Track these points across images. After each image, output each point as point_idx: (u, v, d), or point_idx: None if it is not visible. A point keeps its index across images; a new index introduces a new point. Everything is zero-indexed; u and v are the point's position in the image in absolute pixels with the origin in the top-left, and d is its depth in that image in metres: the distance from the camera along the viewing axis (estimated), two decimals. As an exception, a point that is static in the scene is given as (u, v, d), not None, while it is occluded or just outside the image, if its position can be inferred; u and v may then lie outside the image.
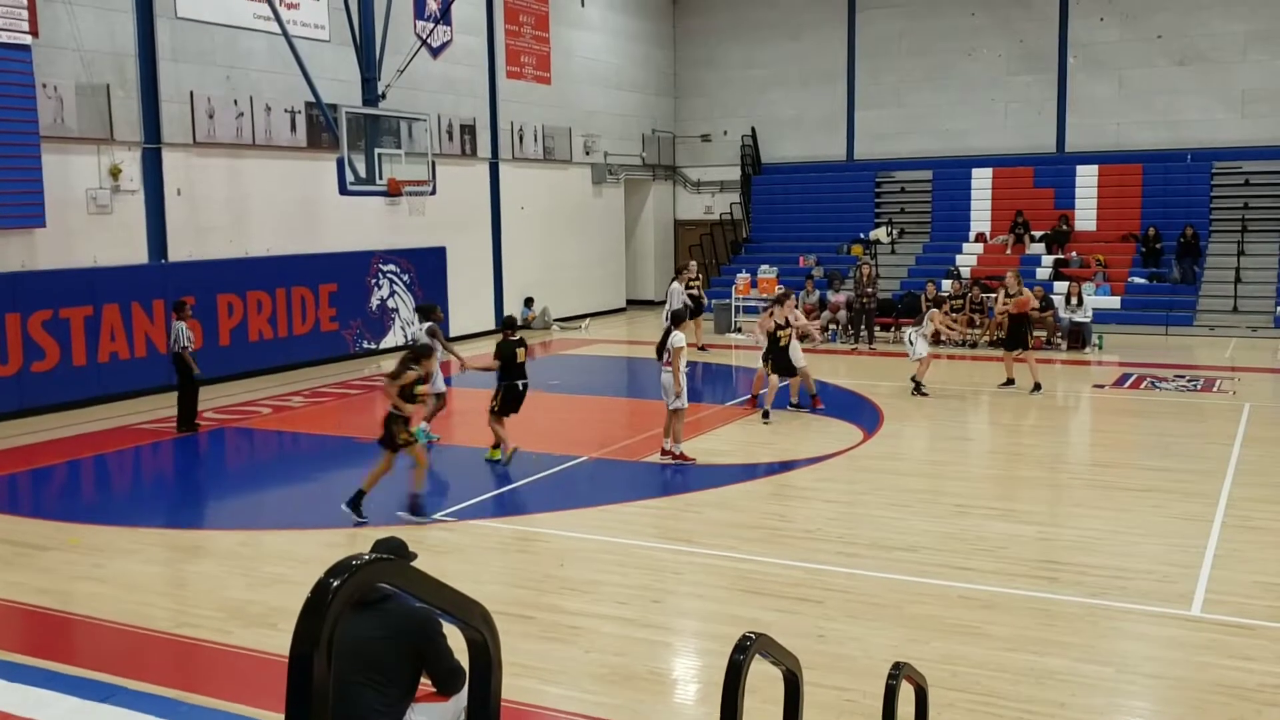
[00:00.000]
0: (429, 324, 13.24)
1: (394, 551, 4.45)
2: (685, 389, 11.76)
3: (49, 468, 12.27)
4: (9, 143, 14.50)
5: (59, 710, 5.53)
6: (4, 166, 14.49)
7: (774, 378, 14.20)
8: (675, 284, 20.34)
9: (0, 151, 14.43)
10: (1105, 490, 10.63)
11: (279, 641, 6.81)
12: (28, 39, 14.64)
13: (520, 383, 11.94)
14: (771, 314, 14.38)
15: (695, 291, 21.15)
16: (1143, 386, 16.48)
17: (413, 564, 2.18)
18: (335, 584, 1.54)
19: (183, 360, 13.45)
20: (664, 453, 11.95)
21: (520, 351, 11.98)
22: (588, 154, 27.32)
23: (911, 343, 15.86)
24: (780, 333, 14.06)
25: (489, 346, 22.72)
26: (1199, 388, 16.16)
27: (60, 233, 15.45)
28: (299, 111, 19.06)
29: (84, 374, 15.39)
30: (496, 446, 11.92)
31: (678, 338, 11.77)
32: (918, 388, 15.61)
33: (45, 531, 9.64)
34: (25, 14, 14.57)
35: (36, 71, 14.82)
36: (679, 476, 11.50)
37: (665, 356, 11.81)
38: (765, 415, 13.96)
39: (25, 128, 14.67)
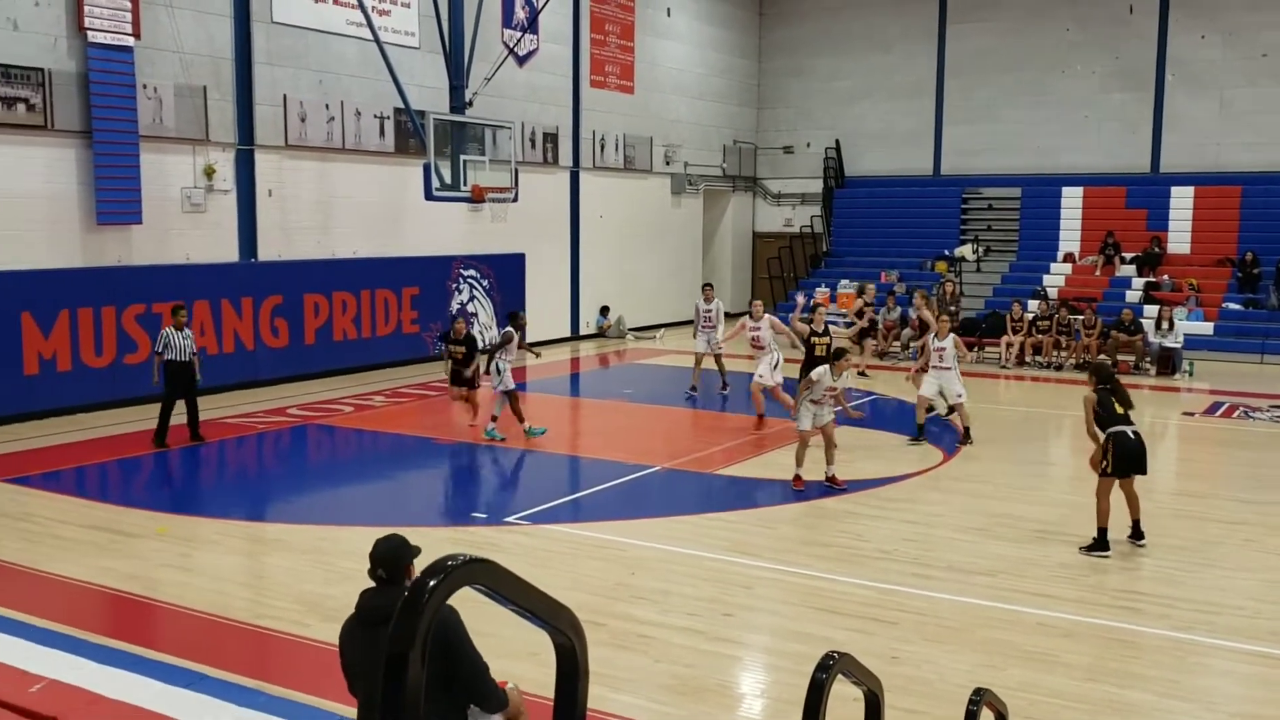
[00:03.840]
0: (507, 329, 13.88)
1: (395, 549, 4.32)
2: (806, 412, 11.27)
3: (139, 458, 12.61)
4: (110, 141, 14.99)
5: (146, 694, 5.67)
6: (105, 165, 14.99)
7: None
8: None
9: (102, 150, 14.94)
10: (1193, 521, 10.33)
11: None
12: (130, 40, 15.13)
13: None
14: (810, 319, 13.93)
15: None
16: (1235, 416, 16.00)
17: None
18: (432, 584, 1.56)
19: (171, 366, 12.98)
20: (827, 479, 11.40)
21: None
22: (668, 164, 27.36)
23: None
24: (816, 340, 13.28)
25: (564, 353, 22.90)
26: (1294, 419, 15.65)
27: (156, 230, 15.90)
28: (388, 117, 19.39)
29: (174, 367, 15.76)
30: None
31: (819, 370, 11.36)
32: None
33: (135, 520, 9.91)
34: (129, 16, 15.06)
35: (137, 72, 15.31)
36: (751, 491, 11.45)
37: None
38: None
39: (126, 127, 15.16)
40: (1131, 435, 9.00)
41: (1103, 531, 9.08)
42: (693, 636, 7.25)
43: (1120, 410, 9.11)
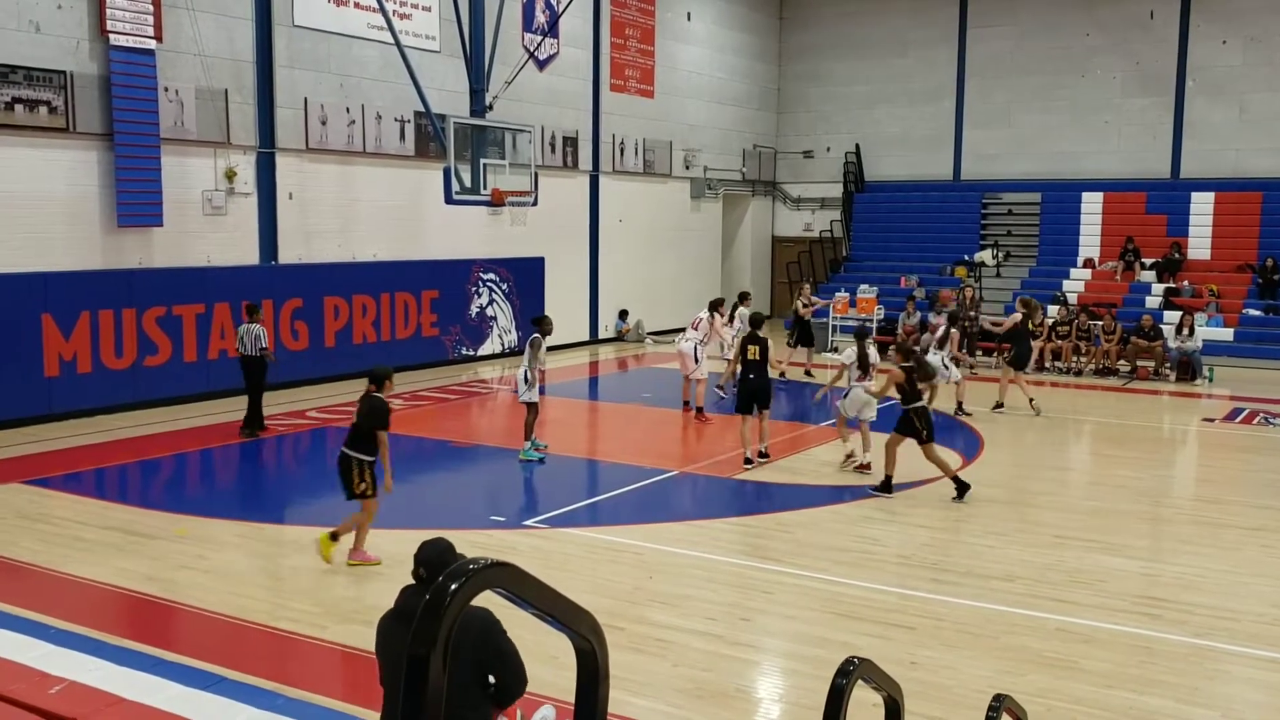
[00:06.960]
0: (535, 334, 12.57)
1: (442, 553, 4.34)
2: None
3: (159, 459, 12.68)
4: (132, 144, 15.10)
5: (165, 696, 5.69)
6: (126, 167, 15.09)
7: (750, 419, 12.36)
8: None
9: (123, 152, 15.04)
10: (1212, 527, 10.26)
11: (374, 639, 6.91)
12: (152, 43, 15.24)
13: None
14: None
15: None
16: (1255, 422, 15.88)
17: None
18: (454, 587, 1.56)
19: (263, 362, 13.59)
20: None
21: None
22: (687, 168, 27.36)
23: (946, 367, 15.11)
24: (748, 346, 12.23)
25: (582, 356, 22.89)
26: (1316, 426, 15.52)
27: (176, 232, 15.99)
28: (408, 121, 19.47)
29: (195, 370, 15.87)
30: None
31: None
32: (959, 408, 16.03)
33: (154, 521, 9.96)
34: (151, 19, 15.17)
35: (159, 75, 15.40)
36: (769, 496, 11.43)
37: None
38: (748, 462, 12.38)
39: (147, 129, 15.26)
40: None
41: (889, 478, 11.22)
42: (711, 641, 7.24)
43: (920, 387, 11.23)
